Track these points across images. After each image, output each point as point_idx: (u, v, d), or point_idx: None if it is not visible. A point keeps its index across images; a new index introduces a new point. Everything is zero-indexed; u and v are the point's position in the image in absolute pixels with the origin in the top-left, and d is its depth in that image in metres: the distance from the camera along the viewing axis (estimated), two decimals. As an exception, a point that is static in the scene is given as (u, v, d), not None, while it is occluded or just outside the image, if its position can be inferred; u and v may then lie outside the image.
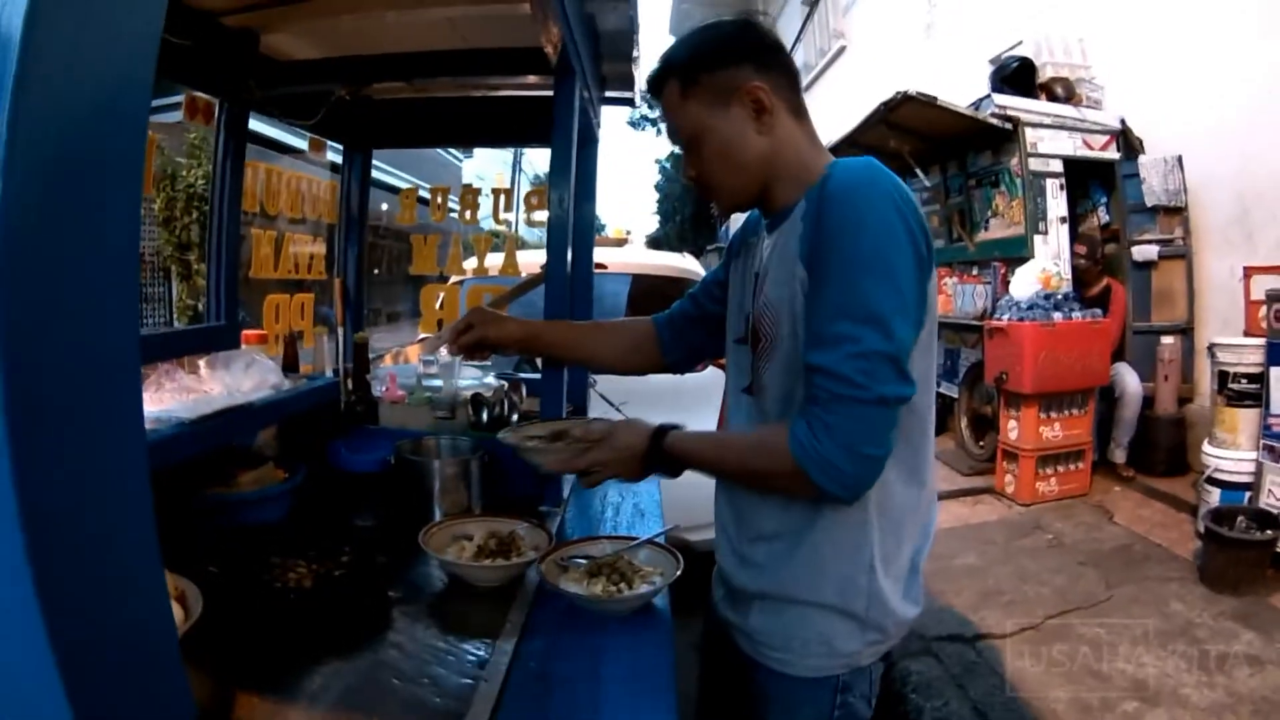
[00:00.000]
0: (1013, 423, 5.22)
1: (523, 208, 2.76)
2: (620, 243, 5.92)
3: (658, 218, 29.72)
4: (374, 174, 3.01)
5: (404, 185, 3.28)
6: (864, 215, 1.10)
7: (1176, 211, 5.56)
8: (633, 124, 29.12)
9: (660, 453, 1.30)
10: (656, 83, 1.31)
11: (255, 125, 2.38)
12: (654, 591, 1.45)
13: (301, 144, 2.84)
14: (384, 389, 2.11)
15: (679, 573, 1.49)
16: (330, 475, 1.93)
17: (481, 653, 1.28)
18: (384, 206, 6.40)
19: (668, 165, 30.08)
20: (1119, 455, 5.45)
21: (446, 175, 23.56)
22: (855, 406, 1.08)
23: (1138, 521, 4.69)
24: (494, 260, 3.03)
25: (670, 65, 1.29)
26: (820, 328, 1.11)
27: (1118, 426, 5.41)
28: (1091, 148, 5.82)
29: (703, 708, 1.55)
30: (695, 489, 1.49)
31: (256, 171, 2.47)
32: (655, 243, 23.28)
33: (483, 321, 1.68)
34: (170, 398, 1.65)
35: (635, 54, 2.52)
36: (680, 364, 1.67)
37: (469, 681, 1.19)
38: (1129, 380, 5.33)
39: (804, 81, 13.48)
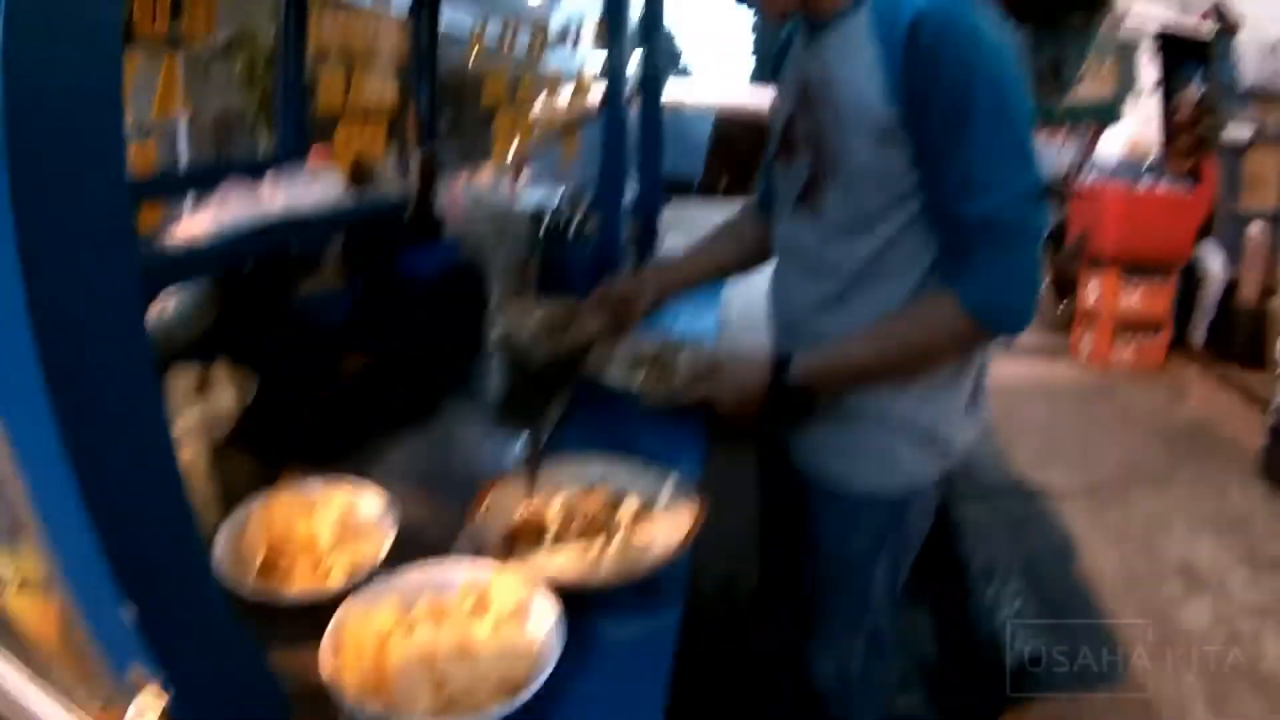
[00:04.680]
0: (1093, 283, 5.15)
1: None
2: None
3: (754, 59, 27.60)
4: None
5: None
6: (986, 58, 1.02)
7: (1273, 98, 5.29)
8: None
9: (785, 390, 1.15)
10: None
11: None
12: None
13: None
14: (447, 202, 2.15)
15: None
16: (395, 283, 2.00)
17: (512, 441, 1.33)
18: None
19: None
20: (1197, 338, 5.30)
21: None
22: (1030, 245, 1.04)
23: (1208, 406, 4.59)
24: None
25: None
26: (972, 172, 1.03)
27: (1198, 309, 5.26)
28: (1188, 21, 5.46)
29: (765, 520, 1.56)
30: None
31: (324, 14, 2.51)
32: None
33: (629, 295, 1.47)
34: (234, 211, 1.70)
35: None
36: None
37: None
38: (1213, 262, 5.15)
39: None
